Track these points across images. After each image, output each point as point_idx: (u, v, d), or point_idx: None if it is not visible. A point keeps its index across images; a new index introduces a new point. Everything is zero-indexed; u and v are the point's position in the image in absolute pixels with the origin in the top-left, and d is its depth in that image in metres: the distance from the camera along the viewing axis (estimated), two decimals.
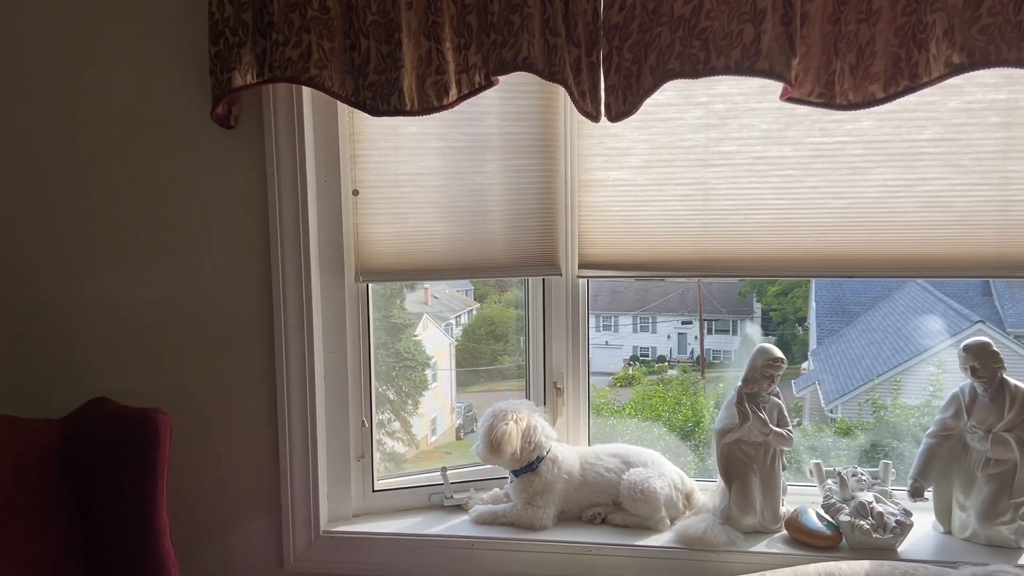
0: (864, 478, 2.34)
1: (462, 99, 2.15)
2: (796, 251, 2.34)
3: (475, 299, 3.13)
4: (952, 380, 3.28)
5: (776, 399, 2.37)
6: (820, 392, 3.66)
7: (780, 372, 2.34)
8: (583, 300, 2.54)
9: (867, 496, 2.28)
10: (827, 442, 3.31)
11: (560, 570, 2.34)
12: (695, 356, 4.32)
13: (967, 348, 2.27)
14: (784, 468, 2.39)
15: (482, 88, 2.14)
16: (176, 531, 2.13)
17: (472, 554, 2.38)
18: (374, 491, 2.55)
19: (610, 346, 4.33)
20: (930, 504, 2.37)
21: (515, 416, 2.38)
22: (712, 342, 4.30)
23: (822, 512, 2.33)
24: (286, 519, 2.42)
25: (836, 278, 2.44)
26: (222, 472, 2.43)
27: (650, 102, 2.10)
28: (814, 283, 3.86)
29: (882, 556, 2.17)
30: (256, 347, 2.39)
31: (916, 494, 2.30)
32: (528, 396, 2.62)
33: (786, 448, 2.35)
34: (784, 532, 2.33)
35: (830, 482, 2.38)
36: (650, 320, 4.37)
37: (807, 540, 2.27)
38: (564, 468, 2.42)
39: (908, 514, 2.25)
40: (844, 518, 2.25)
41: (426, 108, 2.13)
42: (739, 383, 2.37)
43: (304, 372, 2.38)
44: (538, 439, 2.39)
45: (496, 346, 2.95)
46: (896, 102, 2.06)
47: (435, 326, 3.01)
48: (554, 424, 2.53)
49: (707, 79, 2.14)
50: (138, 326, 2.42)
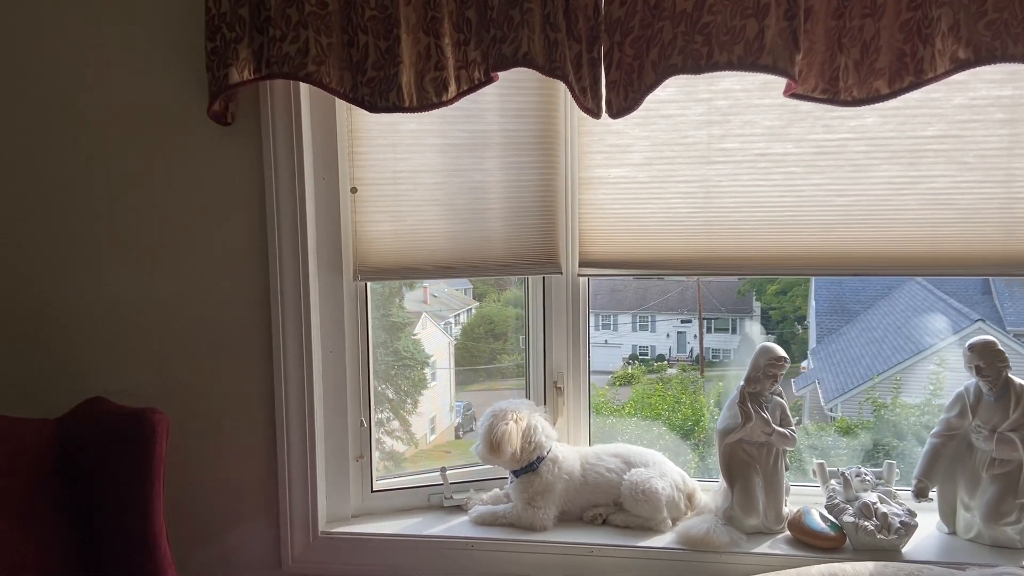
0: (868, 478, 2.31)
1: (461, 95, 2.13)
2: (799, 249, 2.32)
3: (474, 298, 3.11)
4: (952, 378, 3.28)
5: (779, 399, 2.35)
6: (820, 391, 3.65)
7: (783, 371, 2.32)
8: (583, 299, 2.52)
9: (871, 496, 2.26)
10: (827, 441, 3.29)
11: (561, 571, 2.33)
12: (694, 355, 4.31)
13: (972, 347, 2.24)
14: (787, 468, 2.36)
15: (482, 84, 2.12)
16: (173, 532, 2.11)
17: (472, 555, 2.36)
18: (373, 491, 2.53)
19: (609, 345, 4.31)
20: (934, 504, 2.34)
21: (515, 416, 2.36)
22: (711, 341, 4.28)
23: (825, 513, 2.30)
24: (284, 520, 2.40)
25: (839, 276, 2.40)
26: (219, 472, 2.42)
27: (651, 98, 2.09)
28: (813, 282, 3.85)
29: (886, 557, 2.15)
30: (254, 346, 2.37)
31: (920, 494, 2.28)
32: (528, 395, 2.60)
33: (789, 448, 2.33)
34: (787, 533, 2.31)
35: (833, 482, 2.35)
36: (649, 319, 4.35)
37: (810, 541, 2.24)
38: (565, 468, 2.40)
39: (912, 515, 2.23)
40: (848, 519, 2.22)
41: (425, 104, 2.11)
42: (741, 382, 2.34)
43: (302, 371, 2.36)
44: (538, 439, 2.37)
45: (495, 345, 2.94)
46: (900, 98, 2.03)
47: (434, 325, 3.00)
48: (554, 424, 2.51)
49: (709, 75, 2.14)
50: (135, 325, 2.40)
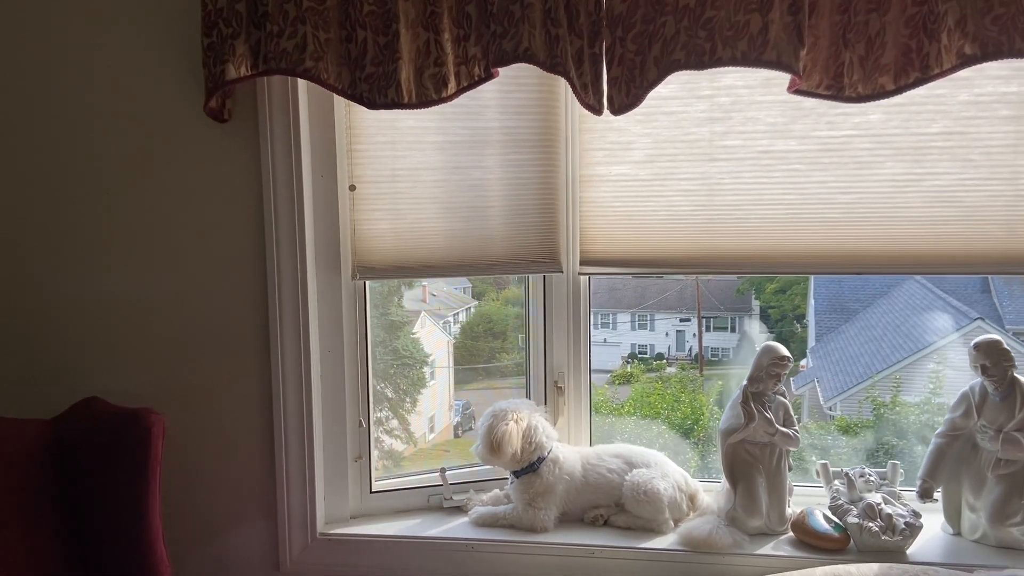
0: (872, 479, 2.28)
1: (461, 92, 2.10)
2: (802, 247, 2.29)
3: (473, 297, 3.10)
4: (952, 377, 3.26)
5: (782, 398, 2.31)
6: (819, 389, 3.63)
7: (786, 371, 2.29)
8: (584, 298, 2.49)
9: (875, 497, 2.22)
10: (826, 440, 3.26)
11: (562, 573, 2.30)
12: (693, 353, 4.29)
13: (977, 346, 2.20)
14: (790, 469, 2.32)
15: (482, 80, 2.09)
16: (169, 534, 2.10)
17: (472, 556, 2.33)
18: (372, 492, 2.51)
19: (608, 344, 4.30)
20: (939, 505, 2.31)
21: (515, 416, 2.33)
22: (710, 339, 4.27)
23: (829, 514, 2.27)
24: (282, 521, 2.38)
25: (843, 275, 2.37)
26: (217, 473, 2.39)
27: (653, 95, 2.06)
28: (813, 280, 3.84)
29: (891, 559, 2.13)
30: (251, 346, 2.35)
31: (925, 495, 2.25)
32: (528, 395, 2.57)
33: (792, 448, 2.29)
34: (790, 534, 2.28)
35: (837, 483, 2.32)
36: (648, 317, 4.36)
37: (814, 542, 2.21)
38: (566, 469, 2.37)
39: (917, 515, 2.19)
40: (852, 520, 2.19)
41: (424, 101, 2.08)
42: (744, 382, 2.30)
43: (300, 371, 2.33)
44: (539, 439, 2.34)
45: (494, 344, 2.93)
46: (905, 95, 2.01)
47: (433, 324, 2.98)
48: (555, 424, 2.48)
49: (712, 71, 2.11)
50: (130, 324, 2.37)
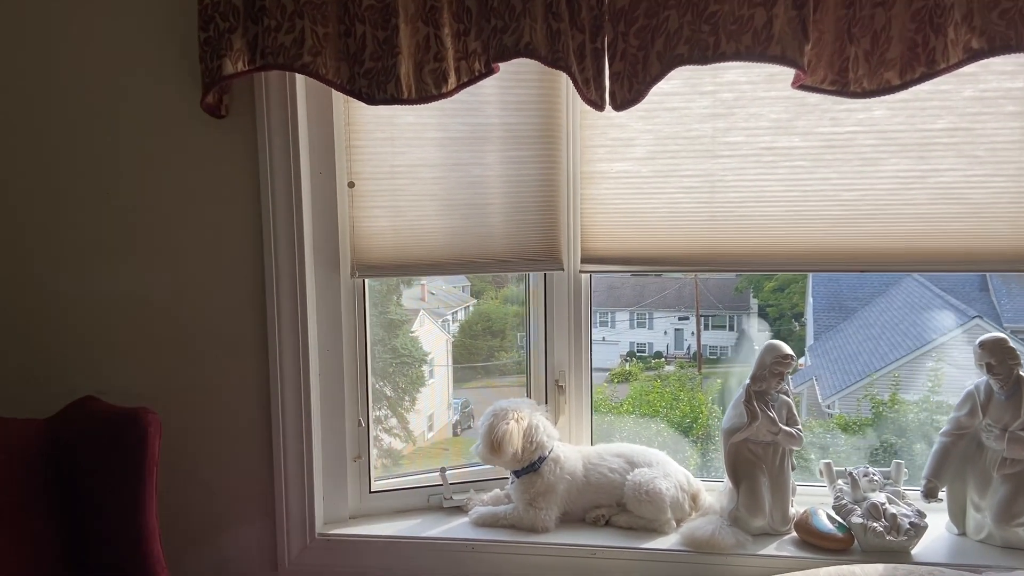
0: (876, 478, 2.24)
1: (461, 87, 2.06)
2: (805, 244, 2.25)
3: (472, 295, 3.08)
4: (950, 375, 3.24)
5: (785, 397, 2.27)
6: (817, 388, 3.61)
7: (790, 370, 2.25)
8: (585, 296, 2.45)
9: (879, 497, 2.19)
10: (826, 439, 3.23)
11: (563, 573, 2.27)
12: (692, 352, 4.27)
13: (983, 344, 2.16)
14: (793, 468, 2.28)
15: (482, 76, 2.05)
16: (166, 535, 2.07)
17: (472, 557, 2.30)
18: (371, 492, 2.47)
19: (607, 342, 4.27)
20: (943, 505, 2.27)
21: (516, 415, 2.30)
22: (709, 338, 4.25)
23: (833, 514, 2.23)
24: (280, 522, 2.34)
25: (846, 272, 2.33)
26: (214, 473, 2.36)
27: (655, 91, 2.02)
28: (811, 278, 3.81)
29: (896, 559, 2.09)
30: (249, 344, 2.31)
31: (930, 495, 2.21)
32: (529, 394, 2.54)
33: (796, 448, 2.26)
34: (794, 534, 2.25)
35: (841, 482, 2.28)
36: (647, 316, 4.34)
37: (818, 542, 2.17)
38: (567, 468, 2.33)
39: (922, 515, 2.16)
40: (856, 520, 2.15)
41: (424, 97, 2.04)
42: (747, 381, 2.27)
43: (298, 370, 2.29)
44: (540, 439, 2.31)
45: (493, 342, 2.91)
46: (909, 91, 1.98)
47: (432, 322, 2.96)
48: (556, 423, 2.45)
49: (714, 67, 2.11)
50: (127, 322, 2.34)
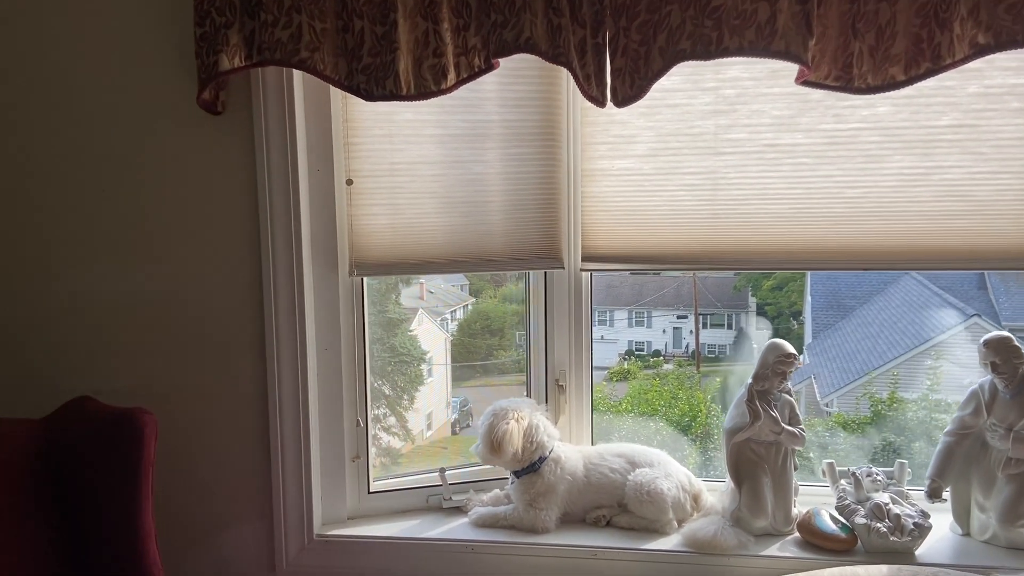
0: (879, 478, 2.20)
1: (461, 83, 2.02)
2: (808, 242, 2.21)
3: (470, 294, 3.06)
4: (948, 373, 3.21)
5: (787, 396, 2.23)
6: (815, 386, 3.58)
7: (792, 369, 2.21)
8: (586, 294, 2.42)
9: (883, 497, 2.15)
10: (824, 437, 3.20)
11: (563, 575, 2.23)
12: (690, 350, 4.23)
13: (987, 343, 2.13)
14: (796, 468, 2.25)
15: (482, 72, 2.01)
16: (163, 536, 2.03)
17: (472, 558, 2.27)
18: (370, 493, 2.44)
19: (605, 340, 4.24)
20: (947, 505, 2.23)
21: (516, 415, 2.26)
22: (707, 336, 4.21)
23: (836, 514, 2.20)
24: (278, 523, 2.31)
25: (849, 271, 2.29)
26: (211, 474, 2.33)
27: (657, 87, 1.98)
28: (809, 277, 3.78)
29: (900, 560, 2.06)
30: (246, 344, 2.28)
31: (934, 495, 2.17)
32: (529, 393, 2.51)
33: (798, 448, 2.22)
34: (796, 535, 2.21)
35: (844, 482, 2.24)
36: (645, 314, 4.30)
37: (821, 543, 2.13)
38: (567, 469, 2.30)
39: (926, 516, 2.12)
40: (860, 520, 2.11)
41: (423, 93, 2.01)
42: (749, 380, 2.23)
43: (296, 370, 2.26)
44: (540, 439, 2.27)
45: (492, 341, 2.89)
46: (913, 87, 1.93)
47: (430, 321, 2.92)
48: (556, 423, 2.41)
49: (716, 63, 2.07)
50: (123, 322, 2.30)
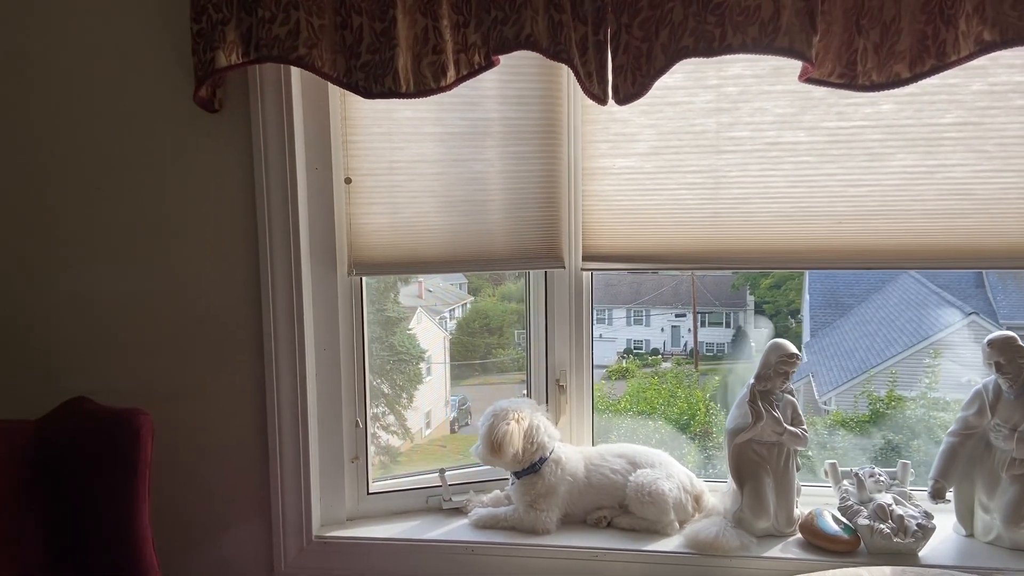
0: (882, 479, 2.17)
1: (460, 81, 1.99)
2: (811, 241, 2.18)
3: (469, 292, 3.04)
4: (946, 372, 3.19)
5: (790, 397, 2.20)
6: (814, 384, 3.56)
7: (795, 369, 2.17)
8: (587, 294, 2.38)
9: (886, 498, 2.11)
10: (823, 435, 3.18)
11: None
12: (689, 349, 4.21)
13: (991, 343, 2.09)
14: (798, 468, 2.22)
15: (482, 69, 1.98)
16: (160, 537, 2.01)
17: (472, 560, 2.23)
18: (369, 494, 2.40)
19: (604, 339, 4.22)
20: (950, 506, 2.20)
21: (517, 415, 2.23)
22: (706, 335, 4.19)
23: (838, 515, 2.16)
24: (276, 524, 2.27)
25: (852, 270, 2.26)
26: (208, 475, 2.29)
27: (658, 85, 1.95)
28: (807, 275, 3.76)
29: (903, 561, 2.03)
30: (244, 344, 2.24)
31: (937, 496, 2.14)
32: (529, 393, 2.47)
33: (801, 448, 2.19)
34: (799, 536, 2.17)
35: (846, 483, 2.21)
36: (644, 313, 4.29)
37: (823, 544, 2.10)
38: (568, 469, 2.26)
39: (929, 516, 2.08)
40: (863, 521, 2.08)
41: (422, 90, 1.97)
42: (751, 380, 2.19)
43: (295, 370, 2.22)
44: (541, 439, 2.23)
45: (490, 339, 2.87)
46: (917, 84, 1.90)
47: (429, 319, 2.89)
48: (557, 423, 2.37)
49: (718, 61, 2.04)
50: (120, 322, 2.26)
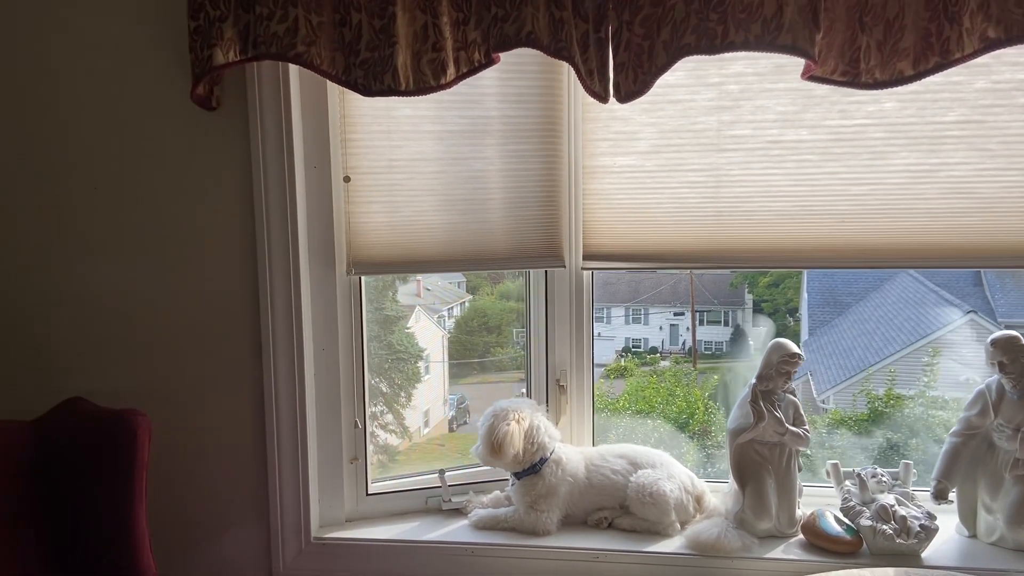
0: (884, 479, 2.14)
1: (460, 78, 1.95)
2: (813, 240, 2.16)
3: (467, 291, 3.01)
4: (945, 370, 3.17)
5: (792, 397, 2.18)
6: (812, 383, 3.54)
7: (797, 369, 2.15)
8: (587, 293, 2.35)
9: (888, 498, 2.09)
10: (822, 434, 3.16)
11: None
12: (687, 347, 4.18)
13: (995, 343, 2.07)
14: (800, 469, 2.19)
15: (482, 66, 1.95)
16: (158, 539, 2.00)
17: (472, 561, 2.21)
18: (368, 495, 2.37)
19: (602, 338, 4.20)
20: (952, 506, 2.17)
21: (517, 416, 2.20)
22: (704, 333, 4.16)
23: (841, 515, 2.14)
24: (275, 525, 2.25)
25: (854, 269, 2.24)
26: (207, 476, 2.26)
27: (659, 83, 1.92)
28: (806, 274, 3.74)
29: (906, 562, 2.01)
30: (242, 344, 2.21)
31: (940, 496, 2.11)
32: (529, 393, 2.44)
33: (803, 448, 2.16)
34: (801, 537, 2.15)
35: (848, 483, 2.19)
36: (642, 311, 4.26)
37: (826, 545, 2.08)
38: (568, 470, 2.24)
39: (932, 517, 2.06)
40: (865, 522, 2.06)
41: (422, 88, 1.94)
42: (753, 380, 2.17)
43: (293, 370, 2.19)
44: (541, 440, 2.21)
45: (489, 338, 2.85)
46: (920, 82, 1.88)
47: (427, 318, 2.86)
48: (557, 423, 2.35)
49: (720, 59, 2.00)
50: (116, 322, 2.23)
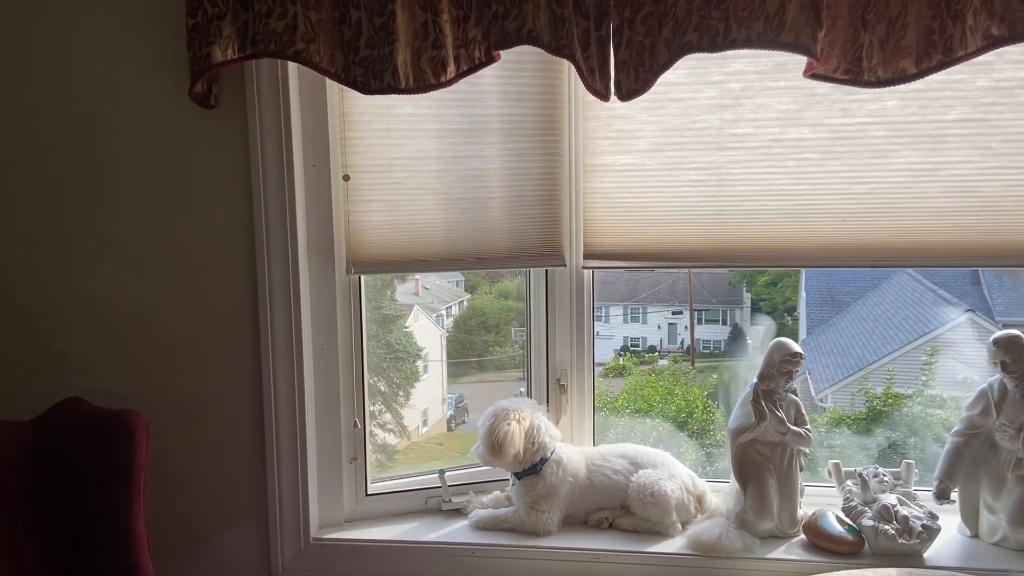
0: (886, 479, 2.12)
1: (461, 76, 1.94)
2: (814, 239, 2.14)
3: (466, 290, 2.99)
4: (943, 368, 3.15)
5: (793, 396, 2.16)
6: (810, 382, 3.52)
7: (798, 368, 2.13)
8: (588, 292, 2.34)
9: (890, 498, 2.07)
10: (820, 433, 3.14)
11: None
12: (685, 346, 4.16)
13: (997, 342, 2.05)
14: (801, 469, 2.17)
15: (483, 64, 1.93)
16: (156, 540, 1.99)
17: (472, 562, 2.19)
18: (367, 495, 2.36)
19: (601, 336, 4.17)
20: (954, 506, 2.16)
21: (517, 415, 2.19)
22: (702, 332, 4.15)
23: (842, 515, 2.12)
24: (274, 526, 2.23)
25: (856, 268, 2.23)
26: (205, 476, 2.24)
27: (660, 81, 1.91)
28: (804, 273, 3.72)
29: (908, 562, 2.00)
30: (241, 344, 2.19)
31: (942, 496, 2.10)
32: (529, 393, 2.42)
33: (804, 448, 2.15)
34: (803, 537, 2.13)
35: (850, 483, 2.17)
36: (640, 310, 4.24)
37: (827, 546, 2.06)
38: (569, 470, 2.22)
39: (934, 517, 2.04)
40: (867, 522, 2.04)
41: (422, 86, 1.92)
42: (754, 380, 2.15)
43: (292, 370, 2.17)
44: (542, 439, 2.19)
45: (487, 337, 2.82)
46: (922, 81, 1.87)
47: (426, 317, 2.85)
48: (558, 423, 2.33)
49: (721, 57, 2.00)
50: (114, 321, 2.21)
